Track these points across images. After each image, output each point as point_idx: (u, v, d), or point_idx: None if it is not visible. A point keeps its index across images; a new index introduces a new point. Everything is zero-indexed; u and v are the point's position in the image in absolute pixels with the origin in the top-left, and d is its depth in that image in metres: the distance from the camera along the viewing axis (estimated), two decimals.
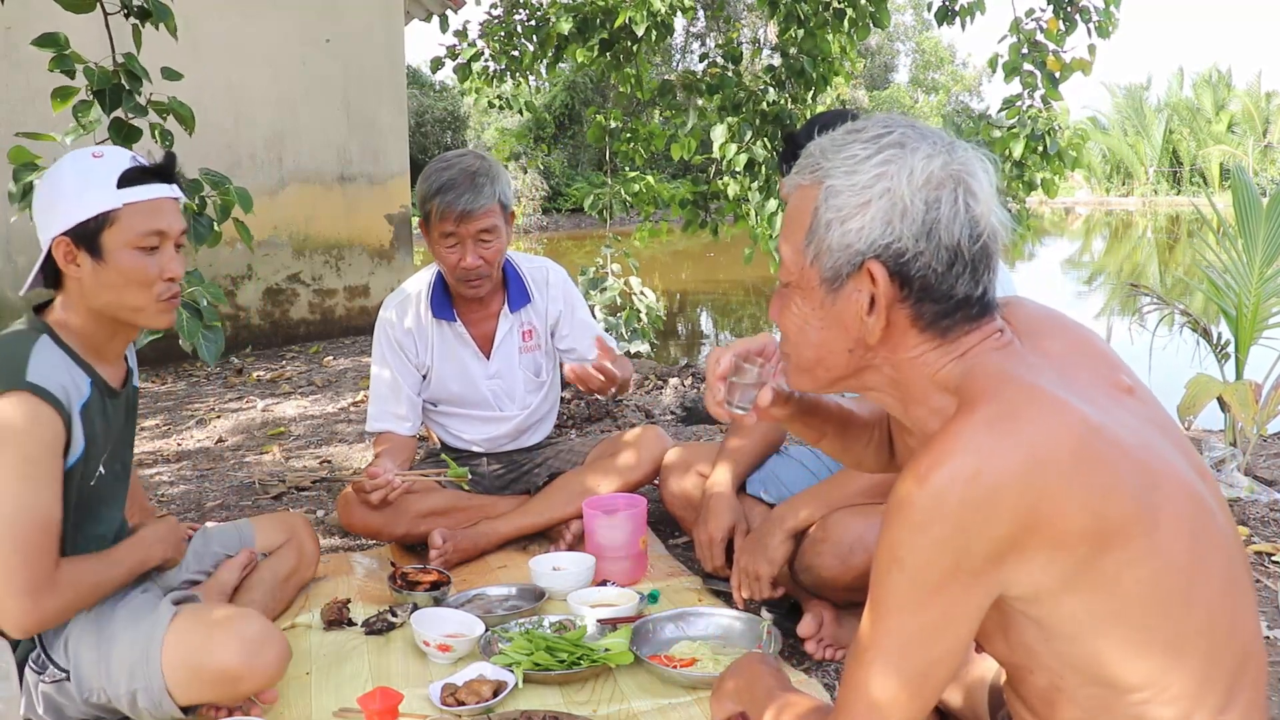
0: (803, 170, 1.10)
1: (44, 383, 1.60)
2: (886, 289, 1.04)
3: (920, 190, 1.02)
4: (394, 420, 2.65)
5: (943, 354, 1.07)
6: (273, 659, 1.66)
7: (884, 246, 1.03)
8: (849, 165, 1.05)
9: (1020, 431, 0.96)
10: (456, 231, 2.46)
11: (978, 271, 1.05)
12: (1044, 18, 4.41)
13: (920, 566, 0.97)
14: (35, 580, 1.58)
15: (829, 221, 1.05)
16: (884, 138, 1.05)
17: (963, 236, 1.03)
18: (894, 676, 1.01)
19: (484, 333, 2.69)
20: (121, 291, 1.72)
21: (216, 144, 5.97)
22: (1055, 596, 0.98)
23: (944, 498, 0.94)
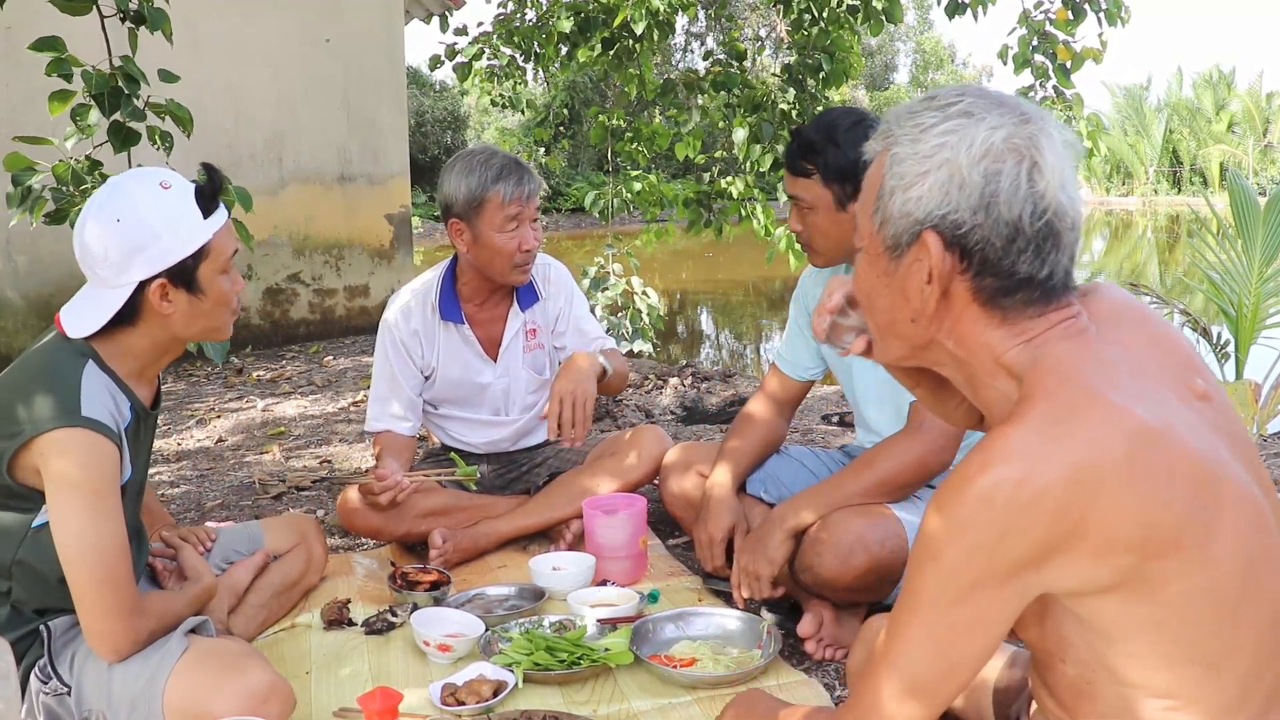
0: (878, 137, 1.09)
1: (98, 415, 1.60)
2: (940, 259, 1.03)
3: (979, 162, 1.00)
4: (394, 420, 2.65)
5: (1007, 336, 1.05)
6: (276, 712, 1.64)
7: (940, 217, 1.02)
8: (914, 133, 1.04)
9: (1072, 438, 0.94)
10: (521, 213, 2.49)
11: (1042, 250, 1.02)
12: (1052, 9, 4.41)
13: (957, 565, 0.96)
14: (126, 603, 1.61)
15: (892, 189, 1.05)
16: (952, 106, 1.03)
17: (1023, 212, 1.00)
18: (919, 671, 1.01)
19: (490, 335, 2.69)
20: (210, 316, 1.73)
21: (216, 144, 5.97)
22: (1098, 596, 0.97)
23: (989, 501, 0.94)
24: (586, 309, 2.83)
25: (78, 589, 1.58)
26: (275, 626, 2.22)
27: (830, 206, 2.09)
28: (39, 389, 1.59)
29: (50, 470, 1.57)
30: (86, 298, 1.69)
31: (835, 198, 2.09)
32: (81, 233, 1.65)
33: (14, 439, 1.57)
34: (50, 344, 1.69)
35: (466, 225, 2.52)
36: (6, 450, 1.58)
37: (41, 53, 2.34)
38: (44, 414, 1.57)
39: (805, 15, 5.07)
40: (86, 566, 1.57)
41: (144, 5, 2.42)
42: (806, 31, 5.10)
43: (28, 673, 1.67)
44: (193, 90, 2.58)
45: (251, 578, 2.16)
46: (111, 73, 2.40)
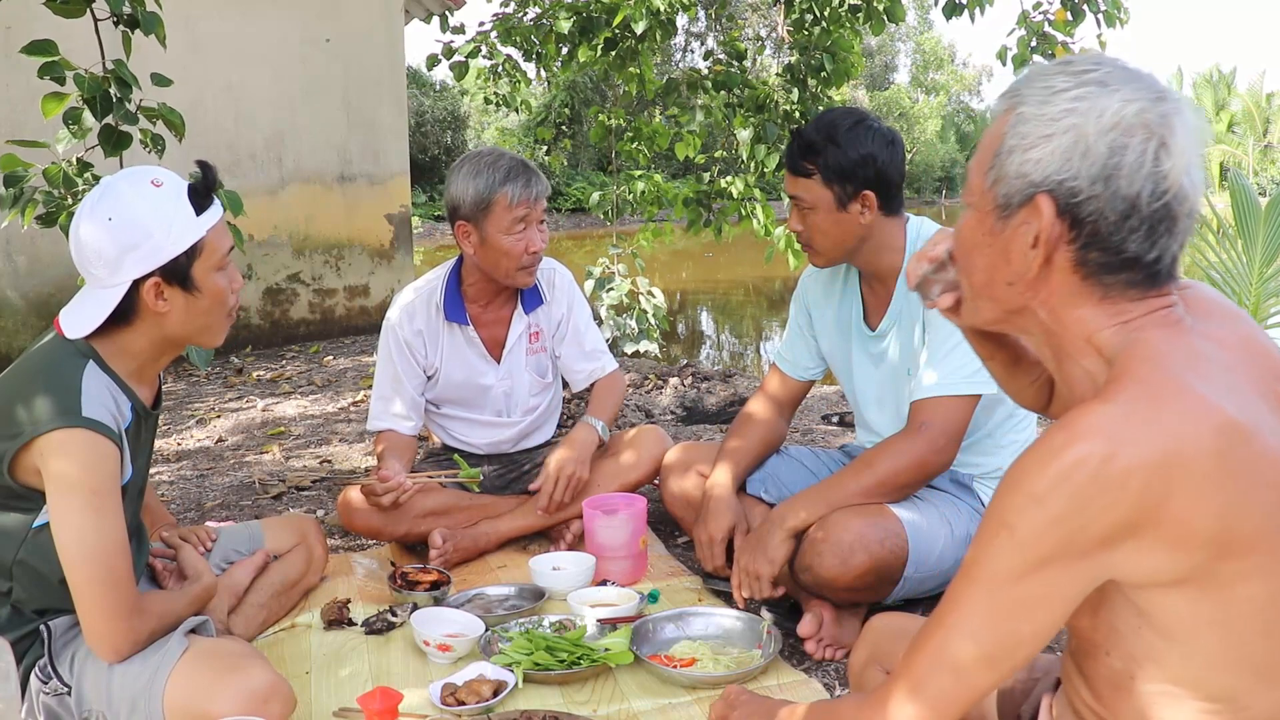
0: (1005, 95, 1.07)
1: (99, 416, 1.60)
2: (1051, 225, 1.01)
3: (1107, 133, 0.98)
4: (396, 419, 2.65)
5: (1103, 315, 1.03)
6: (276, 713, 1.64)
7: (1058, 183, 1.00)
8: (1043, 95, 1.01)
9: (1162, 424, 0.93)
10: (529, 215, 2.50)
11: (1154, 232, 1.00)
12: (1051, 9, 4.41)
13: (1031, 537, 0.95)
14: (126, 604, 1.62)
15: (1011, 148, 1.03)
16: (1088, 74, 1.01)
17: (1143, 190, 0.98)
18: (977, 644, 0.99)
19: (494, 336, 2.69)
20: (207, 315, 1.73)
21: (216, 144, 5.97)
22: (1164, 590, 0.96)
23: (1071, 475, 0.92)
24: (590, 319, 2.83)
25: (78, 589, 1.58)
26: (275, 626, 2.22)
27: (831, 206, 2.09)
28: (39, 390, 1.60)
29: (51, 470, 1.57)
30: (84, 299, 1.69)
31: (835, 197, 2.08)
32: (76, 233, 1.65)
33: (15, 439, 1.57)
34: (50, 345, 1.69)
35: (474, 227, 2.51)
36: (7, 451, 1.58)
37: (34, 56, 2.34)
38: (44, 415, 1.57)
39: (807, 15, 5.07)
40: (87, 567, 1.57)
41: (137, 9, 2.42)
42: (808, 31, 5.10)
43: (28, 673, 1.67)
44: (193, 90, 2.59)
45: (251, 578, 2.16)
46: (104, 76, 2.40)
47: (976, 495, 2.20)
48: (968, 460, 2.19)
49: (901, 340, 2.18)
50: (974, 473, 2.21)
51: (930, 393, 2.04)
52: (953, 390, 2.02)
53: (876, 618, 1.50)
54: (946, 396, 2.03)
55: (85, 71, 2.37)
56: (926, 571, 2.04)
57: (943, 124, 37.47)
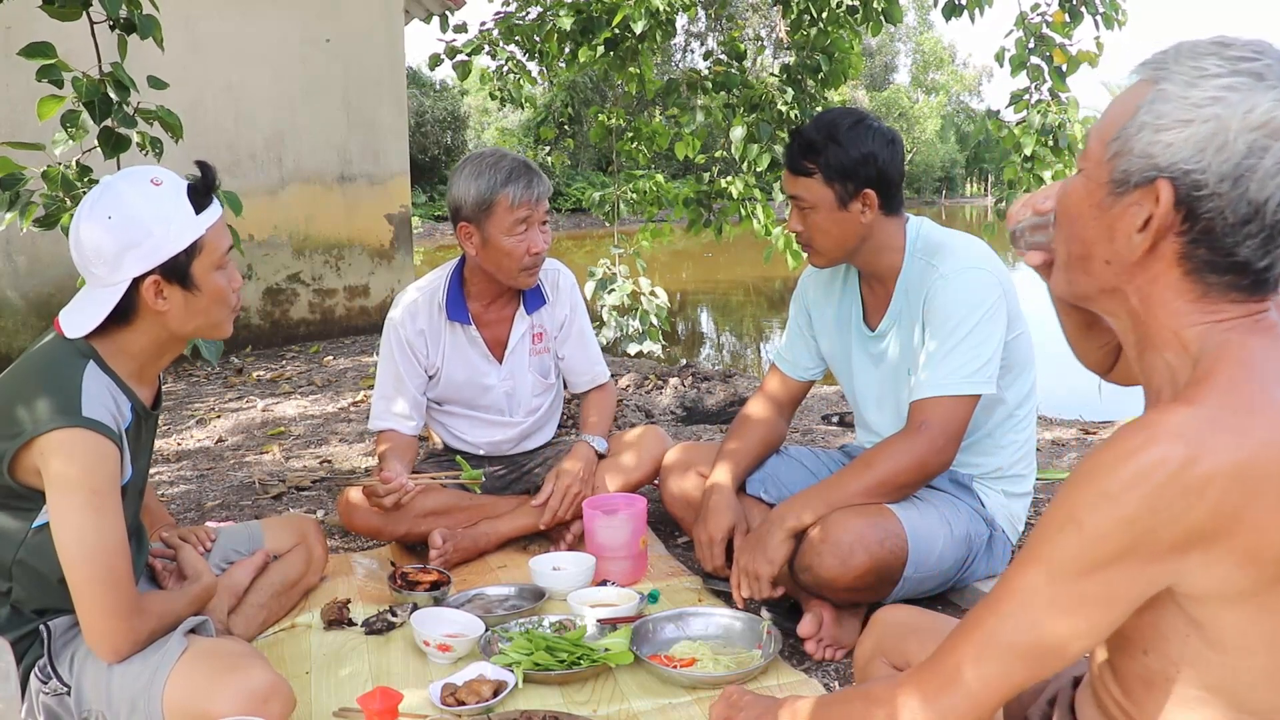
0: (1147, 65, 1.02)
1: (99, 416, 1.60)
2: (1167, 214, 0.97)
3: (1251, 131, 0.92)
4: (398, 419, 2.65)
5: (1196, 311, 0.99)
6: (276, 713, 1.64)
7: (1184, 172, 0.94)
8: (1191, 76, 0.95)
9: (1245, 433, 0.90)
10: (530, 216, 2.49)
11: (1271, 241, 0.95)
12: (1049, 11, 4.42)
13: (1100, 534, 0.92)
14: (126, 604, 1.62)
15: (1143, 124, 0.97)
16: (1244, 62, 0.94)
17: (1273, 198, 0.93)
18: (1026, 635, 0.97)
19: (496, 336, 2.69)
20: (207, 314, 1.73)
21: (216, 144, 5.97)
22: (1222, 604, 0.94)
23: (1149, 475, 0.90)
24: (589, 325, 2.84)
25: (77, 589, 1.58)
26: (275, 626, 2.22)
27: (831, 205, 2.09)
28: (40, 390, 1.60)
29: (50, 470, 1.57)
30: (84, 298, 1.69)
31: (836, 196, 2.09)
32: (76, 233, 1.66)
33: (15, 439, 1.57)
34: (50, 345, 1.69)
35: (476, 228, 2.51)
36: (7, 451, 1.58)
37: (32, 59, 2.34)
38: (45, 414, 1.57)
39: (805, 16, 5.07)
40: (86, 566, 1.57)
41: (133, 12, 2.42)
42: (806, 32, 5.10)
43: (28, 673, 1.67)
44: (193, 90, 2.59)
45: (251, 578, 2.16)
46: (101, 79, 2.40)
47: (976, 495, 2.20)
48: (967, 460, 2.19)
49: (901, 340, 2.18)
50: (974, 473, 2.21)
51: (930, 393, 2.04)
52: (952, 390, 2.02)
53: (883, 610, 1.49)
54: (946, 396, 2.03)
55: (83, 74, 2.38)
56: (926, 572, 2.04)
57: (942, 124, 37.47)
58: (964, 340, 2.03)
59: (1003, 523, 2.21)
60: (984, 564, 2.16)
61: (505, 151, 2.60)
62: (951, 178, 39.82)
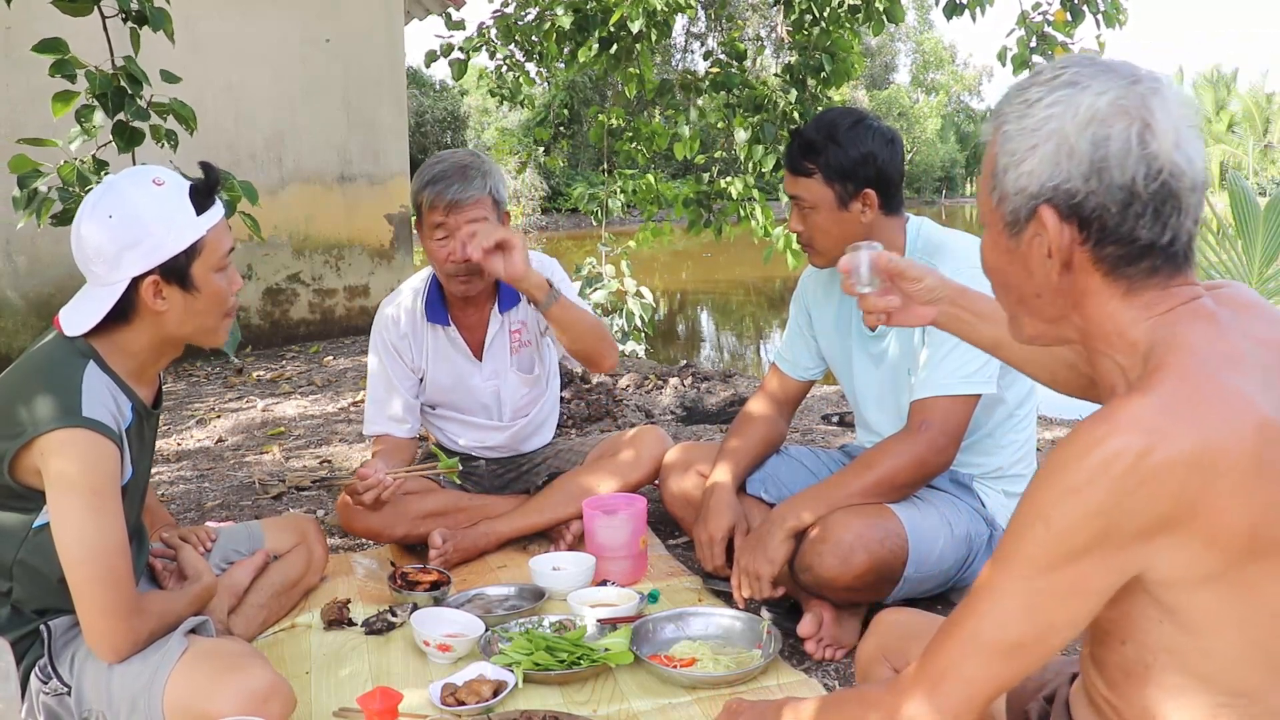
0: (989, 119, 1.09)
1: (98, 416, 1.60)
2: (1058, 232, 1.02)
3: (1086, 128, 0.99)
4: (391, 423, 2.64)
5: (1134, 310, 1.03)
6: (276, 713, 1.64)
7: (1053, 188, 1.01)
8: (1021, 109, 1.04)
9: (1201, 419, 0.93)
10: (446, 222, 2.43)
11: (1161, 214, 1.00)
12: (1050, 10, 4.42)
13: (1067, 528, 0.95)
14: (125, 604, 1.62)
15: (1005, 166, 1.05)
16: (1057, 78, 1.03)
17: (1136, 174, 0.98)
18: (1007, 632, 1.00)
19: (476, 337, 2.67)
20: (205, 316, 1.73)
21: (216, 144, 5.97)
22: (1190, 588, 0.96)
23: (1109, 467, 0.92)
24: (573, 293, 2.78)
25: (78, 589, 1.58)
26: (275, 626, 2.22)
27: (832, 205, 2.09)
28: (40, 389, 1.60)
29: (51, 470, 1.57)
30: (84, 297, 1.69)
31: (836, 196, 2.09)
32: (77, 231, 1.66)
33: (15, 439, 1.57)
34: (50, 344, 1.69)
35: (418, 225, 2.53)
36: (8, 451, 1.58)
37: (45, 54, 2.34)
38: (45, 414, 1.57)
39: (806, 15, 5.07)
40: (86, 566, 1.57)
41: (145, 5, 2.42)
42: (807, 32, 5.10)
43: (28, 673, 1.67)
44: (193, 90, 2.59)
45: (251, 578, 2.16)
46: (114, 73, 2.40)
47: (976, 495, 2.20)
48: (968, 460, 2.19)
49: (901, 340, 2.18)
50: (974, 473, 2.21)
51: (930, 392, 2.04)
52: (952, 390, 2.02)
53: (885, 612, 1.50)
54: (946, 396, 2.03)
55: (96, 69, 2.38)
56: (926, 571, 2.04)
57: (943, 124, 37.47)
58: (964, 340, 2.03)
59: (1003, 522, 2.21)
60: (984, 564, 2.16)
61: (457, 151, 2.55)
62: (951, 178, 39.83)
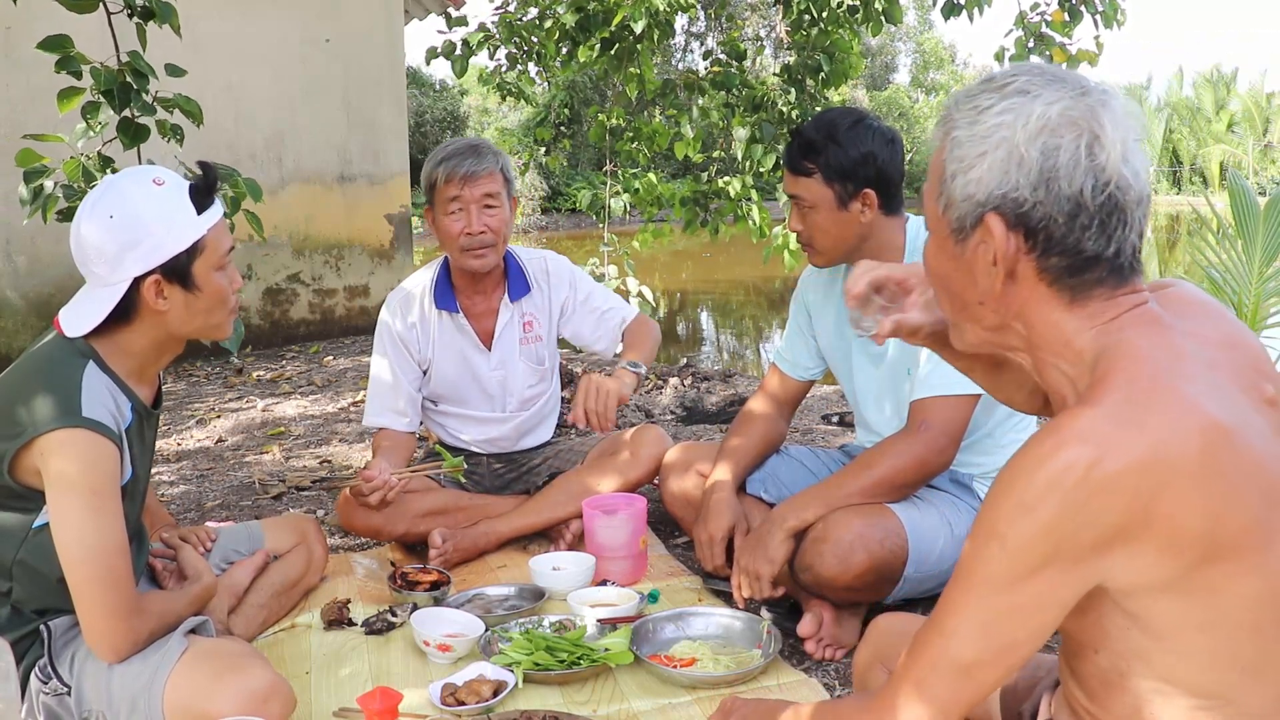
0: (939, 124, 1.08)
1: (98, 416, 1.60)
2: (1004, 240, 1.02)
3: (1036, 138, 0.99)
4: (392, 416, 2.65)
5: (1078, 318, 1.03)
6: (276, 713, 1.64)
7: (1001, 196, 1.01)
8: (972, 115, 1.03)
9: (1147, 426, 0.93)
10: (461, 195, 2.51)
11: (1107, 226, 1.00)
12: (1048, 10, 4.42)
13: (1022, 545, 0.95)
14: (125, 604, 1.62)
15: (953, 173, 1.04)
16: (1009, 85, 1.02)
17: (1084, 186, 0.98)
18: (969, 651, 1.00)
19: (485, 325, 2.69)
20: (207, 314, 1.74)
21: (216, 144, 5.96)
22: (1151, 594, 0.96)
23: (1060, 481, 0.92)
24: (595, 285, 2.81)
25: (77, 589, 1.58)
26: (275, 626, 2.22)
27: (832, 205, 2.09)
28: (39, 390, 1.60)
29: (50, 470, 1.57)
30: (84, 297, 1.69)
31: (836, 196, 2.09)
32: (77, 231, 1.66)
33: (15, 440, 1.57)
34: (50, 345, 1.69)
35: (429, 211, 2.60)
36: (8, 451, 1.58)
37: (49, 52, 2.34)
38: (45, 415, 1.57)
39: (805, 16, 5.07)
40: (86, 567, 1.57)
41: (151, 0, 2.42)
42: (806, 32, 5.11)
43: (28, 673, 1.67)
44: (193, 90, 2.59)
45: (251, 578, 2.16)
46: (120, 68, 2.40)
47: (976, 495, 2.20)
48: (968, 460, 2.19)
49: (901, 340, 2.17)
50: (974, 473, 2.21)
51: (930, 392, 2.04)
52: (952, 390, 2.02)
53: (881, 618, 1.50)
54: (946, 396, 2.03)
55: (101, 64, 2.38)
56: (926, 571, 2.04)
57: None
58: None
59: None
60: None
61: (472, 138, 2.64)
62: None
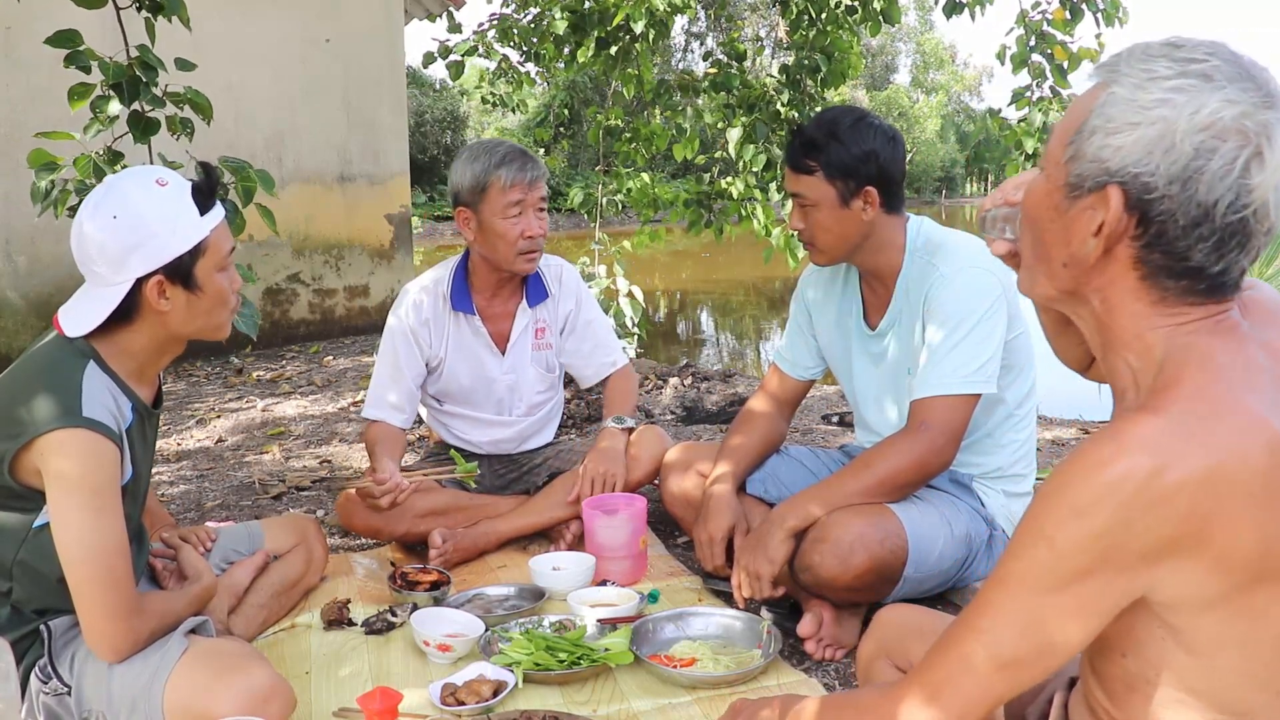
0: (1103, 68, 1.02)
1: (99, 416, 1.60)
2: (1117, 218, 0.97)
3: (1198, 132, 0.92)
4: (390, 410, 2.65)
5: (1156, 314, 0.99)
6: (276, 713, 1.64)
7: (1133, 175, 0.95)
8: (1141, 79, 0.95)
9: (1211, 439, 0.90)
10: (524, 199, 2.52)
11: (1224, 245, 0.95)
12: (1050, 9, 4.43)
13: (1071, 550, 0.93)
14: (126, 604, 1.62)
15: (1095, 128, 0.97)
16: (1194, 63, 0.94)
17: (1223, 199, 0.93)
18: (1004, 651, 0.98)
19: (500, 329, 2.70)
20: (209, 315, 1.74)
21: (217, 144, 5.93)
22: (1194, 610, 0.94)
23: (1118, 489, 0.90)
24: (599, 314, 2.84)
25: (77, 589, 1.58)
26: (275, 626, 2.22)
27: (833, 203, 2.09)
28: (40, 390, 1.59)
29: (51, 470, 1.57)
30: (84, 297, 1.69)
31: (838, 194, 2.09)
32: (78, 231, 1.65)
33: (15, 440, 1.57)
34: (50, 345, 1.69)
35: (472, 213, 2.55)
36: (8, 451, 1.58)
37: (58, 47, 2.34)
38: (45, 415, 1.57)
39: (804, 16, 5.08)
40: (86, 567, 1.57)
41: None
42: (805, 32, 5.11)
43: (28, 673, 1.67)
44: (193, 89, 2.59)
45: (251, 578, 2.16)
46: (129, 62, 2.40)
47: (976, 495, 2.20)
48: (967, 460, 2.19)
49: (901, 340, 2.17)
50: (974, 473, 2.21)
51: (930, 392, 2.04)
52: (952, 390, 2.02)
53: (885, 610, 1.49)
54: (946, 396, 2.03)
55: (110, 58, 2.38)
56: (926, 571, 2.04)
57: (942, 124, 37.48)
58: (964, 339, 2.03)
59: (1003, 522, 2.21)
60: (984, 564, 2.16)
61: (504, 140, 2.63)
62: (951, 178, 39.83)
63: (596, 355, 2.79)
